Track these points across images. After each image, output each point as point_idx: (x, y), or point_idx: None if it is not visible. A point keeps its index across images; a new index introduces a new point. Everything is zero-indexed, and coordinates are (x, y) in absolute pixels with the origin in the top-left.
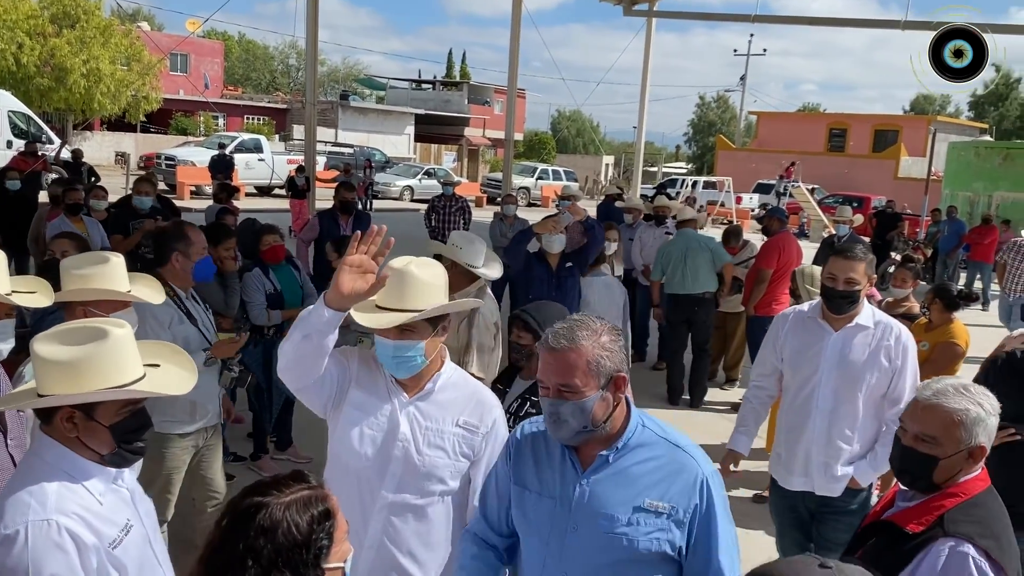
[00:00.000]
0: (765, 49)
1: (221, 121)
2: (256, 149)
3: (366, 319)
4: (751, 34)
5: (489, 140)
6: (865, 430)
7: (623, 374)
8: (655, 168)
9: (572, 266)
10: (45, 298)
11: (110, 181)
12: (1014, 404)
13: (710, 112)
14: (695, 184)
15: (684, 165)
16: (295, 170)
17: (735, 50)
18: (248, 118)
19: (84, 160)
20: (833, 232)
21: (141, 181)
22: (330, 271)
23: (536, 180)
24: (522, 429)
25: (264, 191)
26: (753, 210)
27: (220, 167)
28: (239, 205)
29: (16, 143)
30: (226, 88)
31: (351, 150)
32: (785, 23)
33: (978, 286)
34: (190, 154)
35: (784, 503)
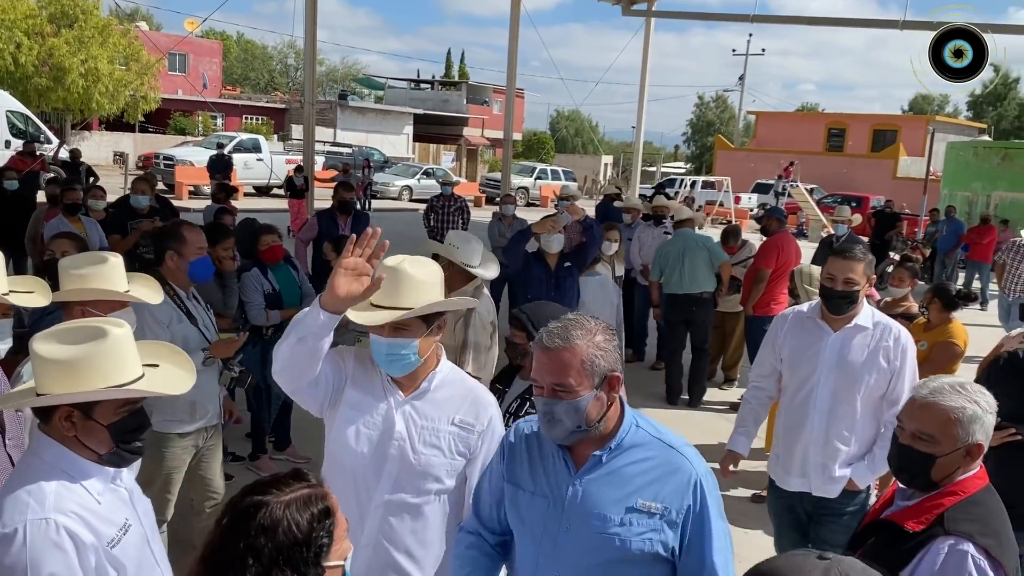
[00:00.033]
0: (764, 49)
1: (219, 121)
2: (254, 149)
3: (360, 316)
4: (750, 34)
5: (488, 140)
6: (863, 431)
7: (617, 374)
8: (654, 168)
9: (571, 266)
10: (42, 298)
11: (108, 181)
12: (1016, 404)
13: (709, 112)
14: (694, 184)
15: (683, 165)
16: (293, 170)
17: (734, 50)
18: (246, 118)
19: (82, 160)
20: (832, 232)
21: (139, 180)
22: (328, 271)
23: (535, 180)
24: (517, 428)
25: (262, 191)
26: (752, 210)
27: (218, 167)
28: (237, 205)
29: (14, 143)
30: (224, 88)
31: (350, 150)
32: (784, 23)
33: (976, 286)
34: (188, 154)
35: (782, 504)
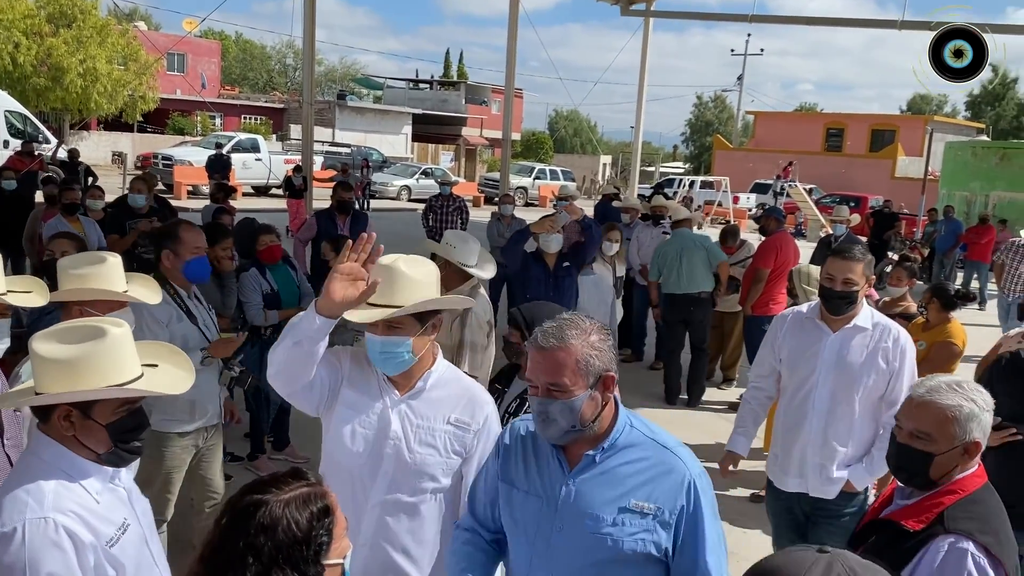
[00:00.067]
0: (762, 49)
1: (218, 121)
2: (253, 149)
3: (353, 314)
4: (748, 34)
5: (486, 140)
6: (862, 432)
7: (612, 373)
8: (652, 168)
9: (569, 266)
10: (40, 298)
11: (107, 181)
12: (1017, 404)
13: (707, 112)
14: (692, 184)
15: (681, 165)
16: (292, 170)
17: (732, 50)
18: (245, 118)
19: (81, 160)
20: (830, 232)
21: (137, 180)
22: (327, 270)
23: (534, 180)
24: (513, 427)
25: (261, 191)
26: (750, 210)
27: (217, 167)
28: (236, 205)
29: (13, 143)
30: (223, 88)
31: (348, 150)
32: (782, 23)
33: (975, 286)
34: (187, 154)
35: (780, 505)
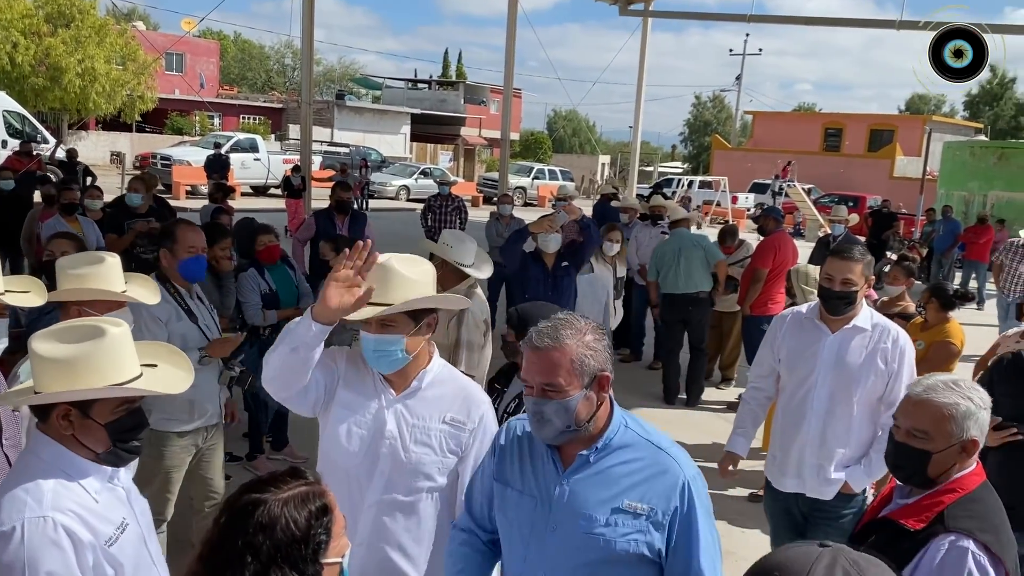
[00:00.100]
0: (761, 49)
1: (217, 121)
2: (252, 149)
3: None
4: (747, 34)
5: (485, 140)
6: (860, 433)
7: (607, 373)
8: (651, 168)
9: (568, 265)
10: (38, 297)
11: (105, 181)
12: (1018, 404)
13: (706, 112)
14: (691, 184)
15: (680, 165)
16: (291, 170)
17: (731, 50)
18: (244, 118)
19: (79, 160)
20: (829, 232)
21: (135, 179)
22: (325, 270)
23: (532, 180)
24: (509, 427)
25: (260, 191)
26: (749, 209)
27: (216, 167)
28: (234, 205)
29: (11, 143)
30: (222, 88)
31: (347, 149)
32: (780, 23)
33: (973, 285)
34: (186, 154)
35: (778, 505)
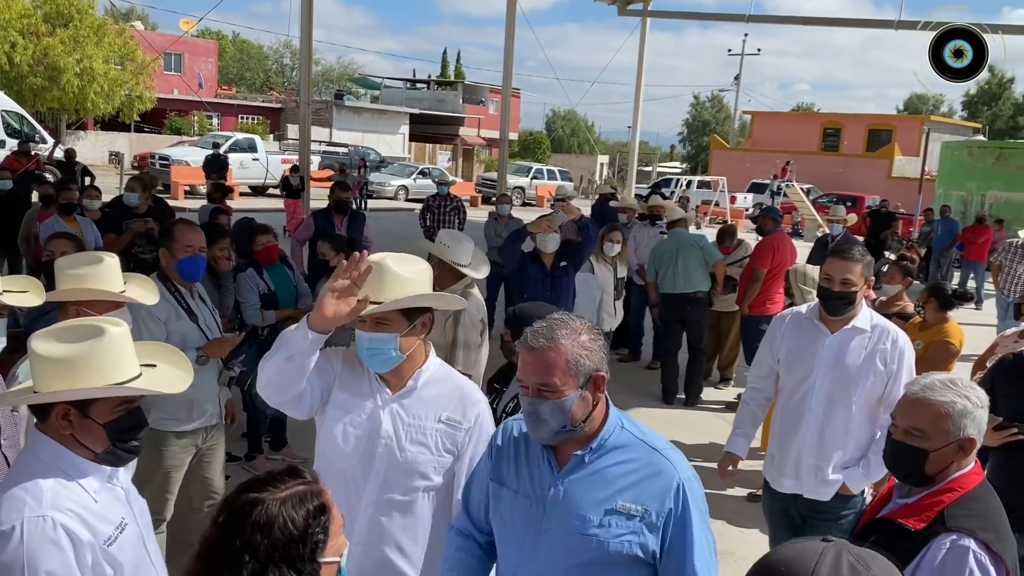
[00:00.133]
0: (759, 49)
1: (215, 121)
2: (250, 149)
3: None
4: (745, 34)
5: (484, 140)
6: (858, 434)
7: (603, 373)
8: (650, 168)
9: (566, 265)
10: (36, 297)
11: (104, 181)
12: (1019, 405)
13: (704, 112)
14: (689, 184)
15: (679, 165)
16: (289, 170)
17: (729, 50)
18: (242, 118)
19: (78, 160)
20: (827, 231)
21: (133, 179)
22: (324, 270)
23: (531, 180)
24: (506, 427)
25: (258, 191)
26: (747, 209)
27: (214, 167)
28: (233, 205)
29: (9, 143)
30: (220, 88)
31: (346, 149)
32: (779, 23)
33: (971, 285)
34: (184, 154)
35: (776, 506)
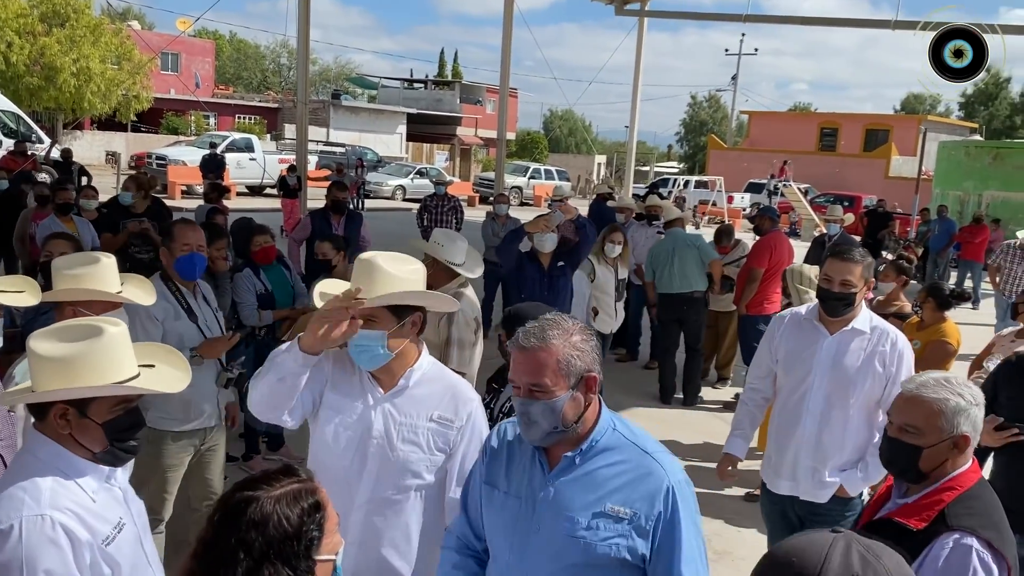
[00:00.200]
0: (756, 49)
1: (212, 120)
2: (247, 148)
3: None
4: (742, 34)
5: (481, 139)
6: (856, 436)
7: (595, 374)
8: (647, 167)
9: (564, 265)
10: (32, 297)
11: (101, 181)
12: (1021, 405)
13: (702, 112)
14: (687, 183)
15: (676, 164)
16: (286, 169)
17: (727, 50)
18: (239, 117)
19: (74, 160)
20: (824, 231)
21: (130, 179)
22: (321, 270)
23: (528, 179)
24: (500, 428)
25: (255, 190)
26: (745, 209)
27: (211, 167)
28: (230, 205)
29: (6, 143)
30: (217, 87)
31: (343, 149)
32: (776, 23)
33: (968, 285)
34: (181, 153)
35: (774, 508)
